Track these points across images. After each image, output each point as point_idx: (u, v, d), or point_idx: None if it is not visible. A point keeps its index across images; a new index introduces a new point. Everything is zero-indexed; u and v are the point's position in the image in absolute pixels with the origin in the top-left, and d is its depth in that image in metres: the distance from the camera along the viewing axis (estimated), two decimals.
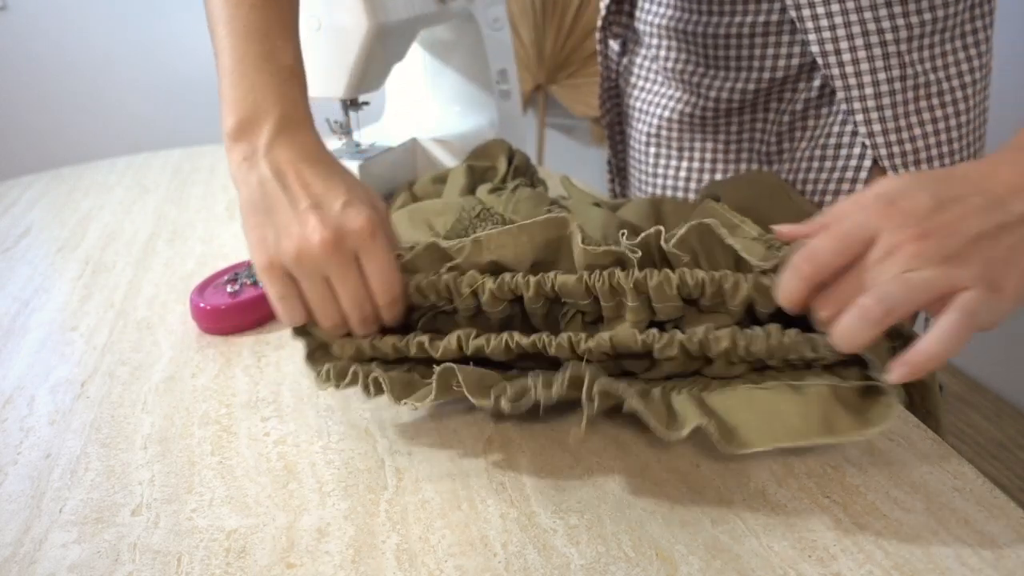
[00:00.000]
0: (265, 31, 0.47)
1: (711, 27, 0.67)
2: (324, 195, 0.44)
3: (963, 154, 0.65)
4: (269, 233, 0.44)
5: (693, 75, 0.71)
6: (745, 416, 0.39)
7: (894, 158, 0.62)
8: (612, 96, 0.84)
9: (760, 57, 0.66)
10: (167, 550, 0.39)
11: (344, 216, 0.43)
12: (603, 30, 0.81)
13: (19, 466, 0.46)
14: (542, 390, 0.40)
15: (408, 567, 0.37)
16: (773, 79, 0.66)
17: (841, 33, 0.59)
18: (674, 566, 0.37)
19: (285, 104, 0.46)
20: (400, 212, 0.63)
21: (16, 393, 0.53)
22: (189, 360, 0.56)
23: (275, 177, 0.44)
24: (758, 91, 0.67)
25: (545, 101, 2.24)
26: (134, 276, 0.71)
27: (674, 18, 0.71)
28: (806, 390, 0.39)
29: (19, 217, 0.88)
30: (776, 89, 0.67)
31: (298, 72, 0.48)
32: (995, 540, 0.38)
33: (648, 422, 0.39)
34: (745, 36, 0.66)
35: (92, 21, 2.05)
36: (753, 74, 0.67)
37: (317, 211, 0.43)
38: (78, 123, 2.14)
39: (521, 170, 0.75)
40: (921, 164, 0.63)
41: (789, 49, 0.65)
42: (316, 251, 0.43)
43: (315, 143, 0.47)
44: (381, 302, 0.45)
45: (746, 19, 0.65)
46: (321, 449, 0.46)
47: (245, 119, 0.45)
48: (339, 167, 0.47)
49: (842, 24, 0.59)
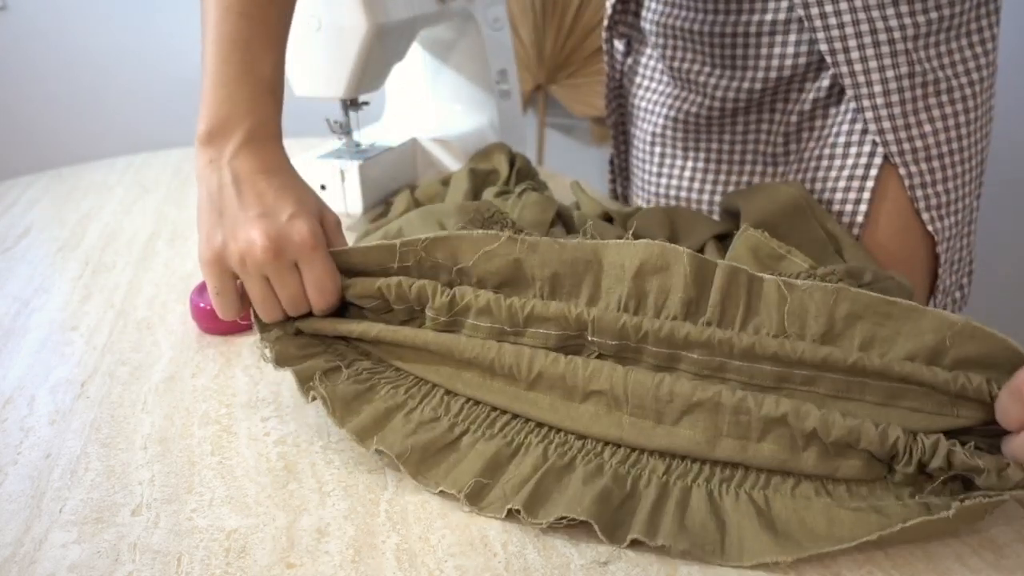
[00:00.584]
0: (248, 40, 0.49)
1: (717, 26, 0.67)
2: (274, 205, 0.48)
3: (971, 151, 0.65)
4: (218, 233, 0.48)
5: (699, 74, 0.71)
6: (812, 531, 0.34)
7: (904, 155, 0.62)
8: (617, 96, 0.84)
9: (767, 56, 0.66)
10: (167, 550, 0.39)
11: (289, 227, 0.47)
12: (609, 29, 0.81)
13: (19, 466, 0.46)
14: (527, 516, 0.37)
15: (408, 567, 0.37)
16: (780, 78, 0.66)
17: (849, 31, 0.59)
18: (674, 566, 0.37)
19: (255, 118, 0.49)
20: (413, 213, 0.63)
21: (16, 393, 0.53)
22: (189, 360, 0.56)
23: (233, 183, 0.48)
24: (765, 90, 0.67)
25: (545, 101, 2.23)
26: (134, 276, 0.71)
27: (680, 17, 0.71)
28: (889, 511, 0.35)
29: (19, 217, 0.88)
30: (783, 88, 0.67)
31: (275, 85, 0.51)
32: (995, 540, 0.38)
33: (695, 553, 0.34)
34: (752, 35, 0.66)
35: (92, 21, 2.05)
36: (760, 73, 0.67)
37: (264, 220, 0.47)
38: (78, 123, 2.14)
39: (523, 173, 0.75)
40: (932, 160, 0.63)
41: (796, 48, 0.65)
42: (258, 256, 0.46)
43: (276, 157, 0.50)
44: (316, 308, 0.49)
45: (753, 17, 0.65)
46: (321, 449, 0.46)
47: (216, 127, 0.49)
48: (295, 181, 0.50)
49: (850, 22, 0.59)
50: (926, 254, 0.67)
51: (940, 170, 0.64)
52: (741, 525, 0.35)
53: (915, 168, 0.63)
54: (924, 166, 0.63)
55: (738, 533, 0.35)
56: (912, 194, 0.64)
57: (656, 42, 0.75)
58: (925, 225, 0.65)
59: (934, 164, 0.64)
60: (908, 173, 0.63)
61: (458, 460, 0.41)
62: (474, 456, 0.41)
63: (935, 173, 0.64)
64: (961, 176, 0.65)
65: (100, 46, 2.08)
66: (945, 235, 0.66)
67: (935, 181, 0.64)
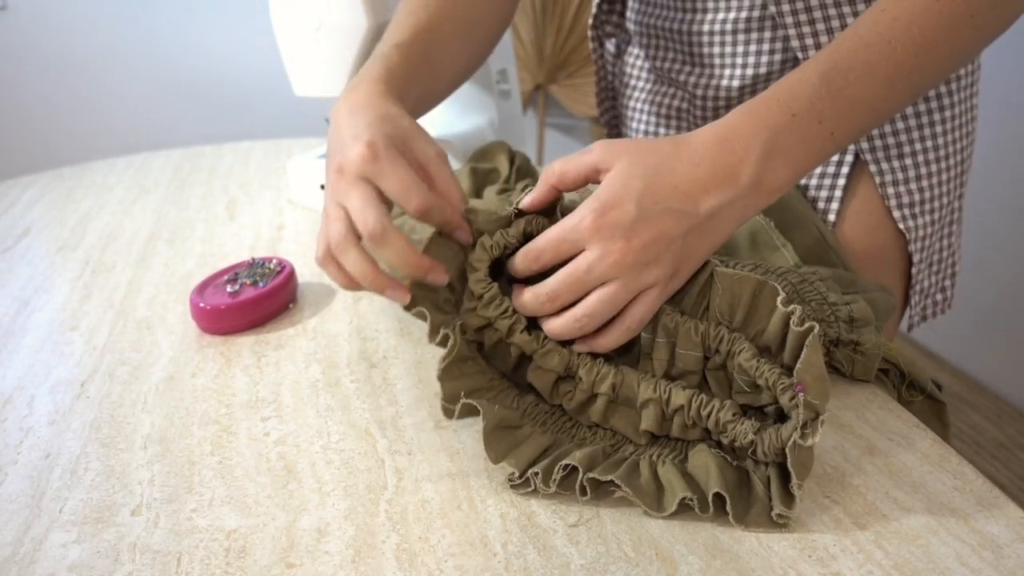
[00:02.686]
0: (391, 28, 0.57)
1: (695, 24, 0.68)
2: (345, 138, 0.47)
3: (948, 149, 0.65)
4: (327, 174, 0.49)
5: (680, 73, 0.71)
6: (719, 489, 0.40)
7: (875, 151, 0.62)
8: (608, 97, 0.84)
9: (744, 54, 0.66)
10: (167, 550, 0.39)
11: (347, 152, 0.46)
12: (595, 29, 0.81)
13: (19, 466, 0.46)
14: (541, 484, 0.41)
15: (408, 567, 0.37)
16: (757, 75, 0.66)
17: (820, 27, 0.60)
18: (674, 566, 0.37)
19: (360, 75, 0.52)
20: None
21: (16, 393, 0.53)
22: (189, 360, 0.56)
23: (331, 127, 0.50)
24: (743, 88, 0.67)
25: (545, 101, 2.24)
26: (134, 276, 0.71)
27: (659, 16, 0.71)
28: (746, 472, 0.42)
29: (19, 217, 0.88)
30: (761, 86, 0.67)
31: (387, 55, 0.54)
32: (995, 540, 0.38)
33: (639, 504, 0.40)
34: (728, 32, 0.66)
35: (92, 21, 2.05)
36: (737, 71, 0.67)
37: (335, 163, 0.47)
38: (78, 123, 2.14)
39: (523, 172, 0.75)
40: (904, 158, 0.63)
41: (772, 45, 0.65)
42: (330, 185, 0.47)
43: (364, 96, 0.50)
44: (409, 211, 0.45)
45: (728, 15, 0.65)
46: (321, 449, 0.46)
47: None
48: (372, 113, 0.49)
49: (821, 19, 0.59)
50: (900, 253, 0.67)
51: (913, 168, 0.64)
52: (670, 481, 0.41)
53: (886, 165, 0.63)
54: (896, 163, 0.63)
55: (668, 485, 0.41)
56: (883, 192, 0.63)
57: (641, 41, 0.75)
58: (897, 223, 0.64)
59: (906, 162, 0.63)
60: (879, 170, 0.63)
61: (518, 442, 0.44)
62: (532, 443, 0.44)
63: (907, 171, 0.64)
64: (937, 175, 0.65)
65: (100, 46, 2.08)
66: (919, 234, 0.66)
67: (907, 179, 0.64)
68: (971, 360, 1.83)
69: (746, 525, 0.39)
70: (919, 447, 0.44)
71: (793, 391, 0.39)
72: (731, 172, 0.43)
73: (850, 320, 0.49)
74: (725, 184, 0.43)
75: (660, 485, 0.41)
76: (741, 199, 0.43)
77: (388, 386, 0.52)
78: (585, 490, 0.41)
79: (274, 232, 0.78)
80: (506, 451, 0.43)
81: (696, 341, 0.44)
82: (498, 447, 0.43)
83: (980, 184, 1.24)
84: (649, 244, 0.42)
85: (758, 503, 0.40)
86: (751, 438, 0.40)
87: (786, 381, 0.39)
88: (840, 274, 0.54)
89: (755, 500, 0.40)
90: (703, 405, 0.42)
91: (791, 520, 0.39)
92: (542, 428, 0.46)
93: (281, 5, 0.69)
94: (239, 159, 1.05)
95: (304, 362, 0.55)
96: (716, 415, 0.42)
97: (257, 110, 2.18)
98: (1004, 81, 1.47)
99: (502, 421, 0.44)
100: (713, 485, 0.39)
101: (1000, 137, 1.55)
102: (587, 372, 0.45)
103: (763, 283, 0.43)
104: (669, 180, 0.42)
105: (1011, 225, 1.63)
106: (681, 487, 0.40)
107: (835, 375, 0.51)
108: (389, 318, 0.61)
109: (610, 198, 0.42)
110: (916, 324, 0.72)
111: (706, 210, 0.42)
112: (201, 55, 2.15)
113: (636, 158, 0.43)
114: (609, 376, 0.44)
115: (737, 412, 0.42)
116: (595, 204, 0.42)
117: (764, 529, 0.39)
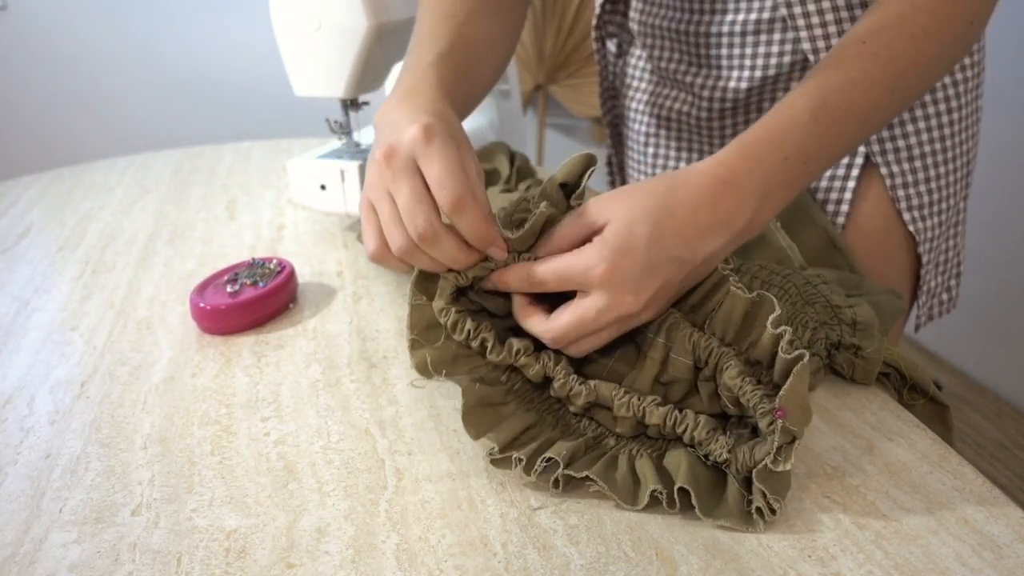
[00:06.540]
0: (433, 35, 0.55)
1: (703, 26, 0.67)
2: (396, 125, 0.45)
3: (956, 151, 0.65)
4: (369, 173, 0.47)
5: (686, 75, 0.71)
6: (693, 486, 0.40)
7: (887, 154, 0.62)
8: (611, 97, 0.84)
9: (752, 56, 0.66)
10: (167, 550, 0.39)
11: (400, 133, 0.44)
12: (598, 29, 0.81)
13: (19, 466, 0.46)
14: (523, 472, 0.42)
15: (408, 567, 0.37)
16: (766, 77, 0.66)
17: (832, 30, 0.59)
18: (674, 566, 0.37)
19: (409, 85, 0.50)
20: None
21: (16, 393, 0.53)
22: (189, 360, 0.56)
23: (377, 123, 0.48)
24: (751, 89, 0.67)
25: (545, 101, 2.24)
26: (134, 276, 0.71)
27: (666, 17, 0.71)
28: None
29: (19, 217, 0.88)
30: (769, 88, 0.67)
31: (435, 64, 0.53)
32: (995, 540, 0.38)
33: (613, 498, 0.41)
34: (737, 34, 0.66)
35: (92, 21, 2.05)
36: (745, 72, 0.67)
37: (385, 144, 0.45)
38: (78, 123, 2.14)
39: (523, 172, 0.75)
40: (914, 160, 0.63)
41: (781, 47, 0.65)
42: (377, 170, 0.45)
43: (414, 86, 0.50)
44: (441, 203, 0.43)
45: (738, 17, 0.65)
46: (321, 449, 0.46)
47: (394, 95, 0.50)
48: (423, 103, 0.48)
49: (833, 21, 0.59)
50: (908, 255, 0.67)
51: (923, 170, 0.64)
52: (645, 474, 0.42)
53: (897, 168, 0.63)
54: (906, 166, 0.63)
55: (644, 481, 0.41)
56: (893, 194, 0.63)
57: (644, 42, 0.75)
58: (907, 225, 0.65)
59: (916, 164, 0.64)
60: (890, 173, 0.63)
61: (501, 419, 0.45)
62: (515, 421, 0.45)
63: (917, 173, 0.64)
64: (945, 176, 0.65)
65: (100, 45, 2.08)
66: (928, 235, 0.66)
67: (917, 181, 0.64)
68: (971, 360, 1.83)
69: (715, 518, 0.39)
70: (919, 447, 0.44)
71: (773, 416, 0.39)
72: (729, 219, 0.44)
73: (853, 324, 0.49)
74: (722, 230, 0.44)
75: (636, 479, 0.42)
76: (733, 242, 0.45)
77: (388, 386, 0.52)
78: (558, 483, 0.41)
79: (274, 232, 0.78)
80: (487, 428, 0.43)
81: (688, 349, 0.44)
82: (479, 424, 0.43)
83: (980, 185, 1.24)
84: (654, 295, 0.43)
85: (730, 499, 0.40)
86: (725, 457, 0.41)
87: (767, 406, 0.40)
88: (846, 276, 0.54)
89: (728, 496, 0.40)
90: (677, 423, 0.43)
91: (767, 521, 0.39)
92: (527, 406, 0.46)
93: (281, 6, 0.69)
94: (239, 159, 1.05)
95: (304, 362, 0.55)
96: (691, 433, 0.42)
97: (257, 110, 2.18)
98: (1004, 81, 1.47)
99: (483, 399, 0.45)
100: (680, 480, 0.40)
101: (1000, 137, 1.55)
102: (560, 387, 0.45)
103: (758, 303, 0.43)
104: (670, 225, 0.42)
105: (1011, 226, 1.64)
106: (653, 480, 0.40)
107: (835, 377, 0.51)
108: (389, 318, 0.61)
109: (620, 245, 0.42)
110: (923, 324, 0.72)
111: (703, 256, 0.43)
112: (201, 55, 2.15)
113: (633, 203, 0.43)
114: (582, 395, 0.45)
115: (713, 429, 0.42)
116: (606, 252, 0.42)
117: (734, 524, 0.39)
